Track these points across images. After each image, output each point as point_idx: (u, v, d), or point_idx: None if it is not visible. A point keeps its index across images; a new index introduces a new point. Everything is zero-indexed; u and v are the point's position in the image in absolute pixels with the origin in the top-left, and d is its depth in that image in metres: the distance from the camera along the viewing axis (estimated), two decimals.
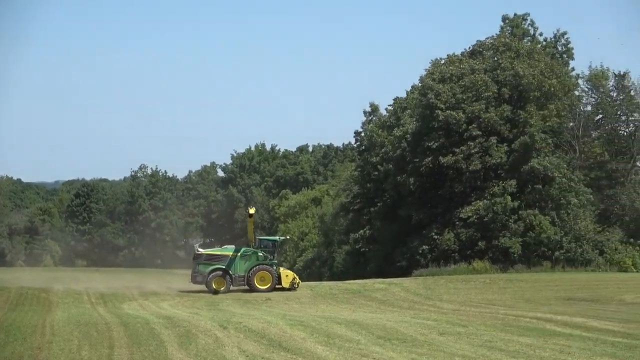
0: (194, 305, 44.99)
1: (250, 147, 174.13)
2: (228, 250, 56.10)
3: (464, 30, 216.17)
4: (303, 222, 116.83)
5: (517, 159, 69.65)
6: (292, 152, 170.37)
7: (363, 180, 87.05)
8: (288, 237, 62.73)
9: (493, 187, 69.01)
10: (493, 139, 69.56)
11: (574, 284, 56.02)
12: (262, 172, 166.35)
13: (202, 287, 54.09)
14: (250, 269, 54.20)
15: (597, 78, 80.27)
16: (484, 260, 66.89)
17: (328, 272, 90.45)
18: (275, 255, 56.58)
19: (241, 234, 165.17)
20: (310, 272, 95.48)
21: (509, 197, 67.87)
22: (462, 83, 71.21)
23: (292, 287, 54.83)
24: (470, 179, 70.84)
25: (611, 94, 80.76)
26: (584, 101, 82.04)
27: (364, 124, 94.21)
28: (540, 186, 69.59)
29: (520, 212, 68.32)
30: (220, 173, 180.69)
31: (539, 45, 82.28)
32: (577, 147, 78.79)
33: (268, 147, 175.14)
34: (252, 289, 53.66)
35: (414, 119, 76.53)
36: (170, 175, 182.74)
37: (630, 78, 79.49)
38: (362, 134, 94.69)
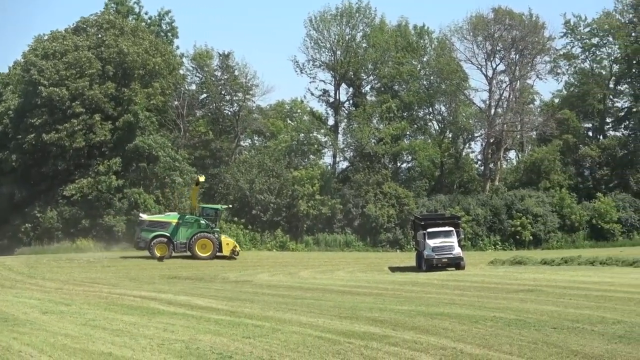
0: None
1: None
2: (171, 217, 57.78)
3: (67, 6, 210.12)
4: None
5: (121, 137, 70.15)
6: None
7: None
8: (231, 206, 62.47)
9: (98, 165, 69.05)
10: (97, 117, 69.51)
11: (178, 263, 56.70)
12: None
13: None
14: (192, 236, 56.31)
15: (201, 57, 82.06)
16: (88, 239, 66.72)
17: None
18: (217, 223, 59.00)
19: None
20: None
21: (113, 176, 68.23)
22: (66, 60, 70.10)
23: (233, 255, 57.32)
24: (74, 156, 70.73)
25: (216, 73, 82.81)
26: (188, 80, 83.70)
27: None
28: (145, 164, 70.35)
29: (125, 190, 68.78)
30: None
31: (144, 24, 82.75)
32: (182, 126, 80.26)
33: None
34: (194, 256, 55.89)
35: (17, 95, 74.30)
36: None
37: (235, 58, 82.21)
38: None
